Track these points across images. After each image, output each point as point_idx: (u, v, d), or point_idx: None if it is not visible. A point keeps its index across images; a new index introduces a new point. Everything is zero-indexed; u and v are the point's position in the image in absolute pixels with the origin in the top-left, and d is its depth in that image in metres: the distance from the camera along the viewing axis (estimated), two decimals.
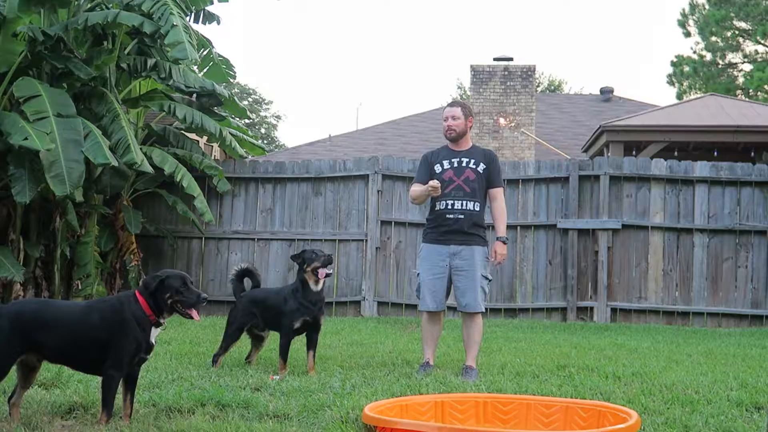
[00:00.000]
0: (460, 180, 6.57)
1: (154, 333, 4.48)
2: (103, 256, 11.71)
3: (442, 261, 6.57)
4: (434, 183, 6.45)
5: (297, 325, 6.29)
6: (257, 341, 6.75)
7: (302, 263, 6.39)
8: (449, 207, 6.56)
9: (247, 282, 6.90)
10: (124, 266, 11.91)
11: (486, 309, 6.75)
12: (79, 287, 11.27)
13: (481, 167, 6.63)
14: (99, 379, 5.43)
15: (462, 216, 6.53)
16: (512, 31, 71.42)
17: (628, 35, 74.15)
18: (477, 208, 6.58)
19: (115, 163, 10.17)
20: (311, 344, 6.37)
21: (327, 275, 6.36)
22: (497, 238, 6.60)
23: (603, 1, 72.91)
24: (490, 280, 6.76)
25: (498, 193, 6.71)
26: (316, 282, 6.35)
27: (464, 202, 6.54)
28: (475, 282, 6.52)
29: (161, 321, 4.49)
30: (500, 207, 6.69)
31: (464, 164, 6.63)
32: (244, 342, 6.82)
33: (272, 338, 6.78)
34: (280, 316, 6.37)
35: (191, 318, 4.48)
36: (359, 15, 78.71)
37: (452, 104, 6.88)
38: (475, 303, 6.51)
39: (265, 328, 6.64)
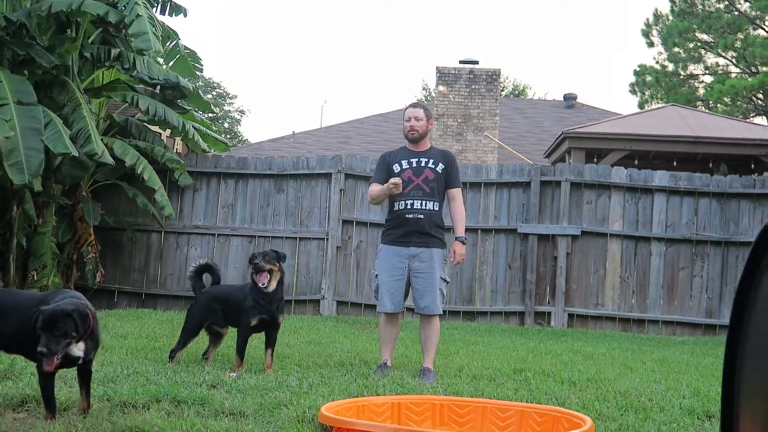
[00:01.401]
0: (420, 180, 6.59)
1: (75, 346, 4.25)
2: (60, 247, 11.56)
3: (402, 263, 6.57)
4: (396, 180, 6.46)
5: (254, 322, 6.26)
6: (216, 338, 6.70)
7: (249, 265, 6.47)
8: (409, 207, 6.56)
9: (206, 278, 6.86)
10: (82, 258, 11.77)
11: (445, 311, 6.79)
12: (35, 278, 11.11)
13: (440, 167, 6.66)
14: (60, 372, 5.39)
15: (422, 216, 6.55)
16: (478, 34, 71.79)
17: (592, 43, 74.91)
18: (436, 208, 6.61)
19: (75, 153, 10.04)
20: (270, 342, 6.34)
21: (262, 284, 6.25)
22: (456, 238, 6.65)
23: (569, 8, 73.52)
24: (447, 282, 6.80)
25: (457, 194, 6.75)
26: (262, 284, 6.29)
27: (424, 202, 6.56)
28: (434, 284, 6.54)
29: None
30: (459, 207, 6.74)
31: (423, 164, 6.65)
32: (202, 338, 6.77)
33: (230, 335, 6.74)
34: (239, 313, 6.34)
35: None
36: (326, 13, 78.56)
37: (415, 105, 6.91)
38: (434, 305, 6.54)
39: (226, 324, 6.60)
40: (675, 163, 15.76)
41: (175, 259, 12.56)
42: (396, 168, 6.66)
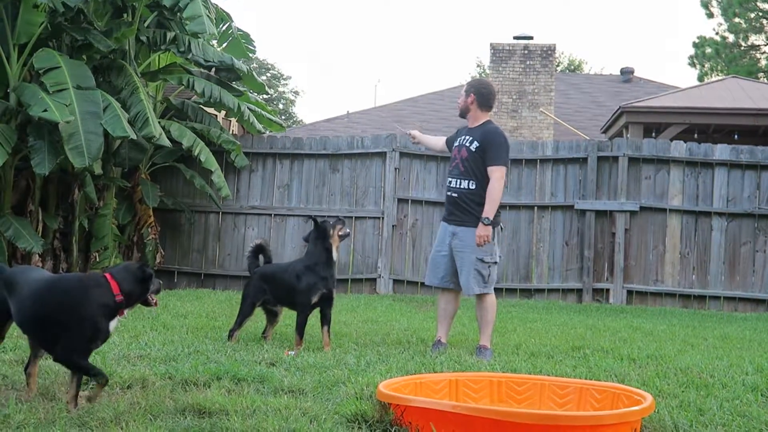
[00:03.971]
0: (459, 158, 6.58)
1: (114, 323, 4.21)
2: (120, 228, 11.78)
3: (447, 239, 6.60)
4: (413, 132, 7.07)
5: (315, 299, 6.30)
6: (272, 317, 6.77)
7: (325, 231, 6.39)
8: (449, 184, 6.67)
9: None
10: (142, 239, 11.97)
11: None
12: (97, 259, 11.35)
13: (474, 145, 6.50)
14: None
15: (456, 194, 6.55)
16: (533, 9, 70.93)
17: (649, 15, 73.51)
18: (472, 187, 6.46)
19: (133, 136, 10.19)
20: (325, 320, 6.37)
21: (347, 234, 6.57)
22: (479, 219, 6.41)
23: None
24: (490, 263, 6.48)
25: (491, 173, 6.43)
26: (337, 248, 6.45)
27: (458, 181, 6.54)
28: (467, 264, 6.42)
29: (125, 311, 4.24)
30: (491, 187, 6.41)
31: (463, 142, 6.62)
32: (261, 317, 6.85)
33: (288, 313, 6.80)
34: (293, 292, 6.38)
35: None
36: None
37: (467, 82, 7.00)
38: (467, 286, 6.44)
39: (276, 303, 6.65)
40: (736, 137, 15.45)
41: (233, 240, 12.70)
42: (455, 144, 6.70)
